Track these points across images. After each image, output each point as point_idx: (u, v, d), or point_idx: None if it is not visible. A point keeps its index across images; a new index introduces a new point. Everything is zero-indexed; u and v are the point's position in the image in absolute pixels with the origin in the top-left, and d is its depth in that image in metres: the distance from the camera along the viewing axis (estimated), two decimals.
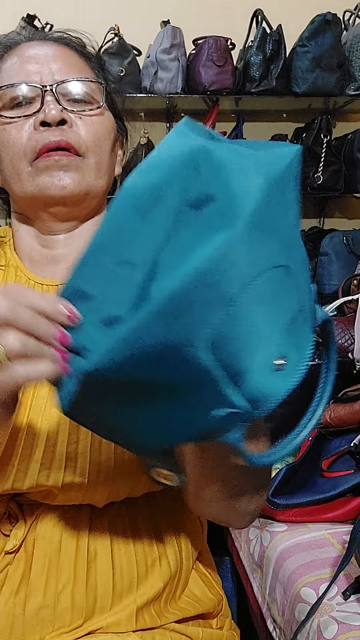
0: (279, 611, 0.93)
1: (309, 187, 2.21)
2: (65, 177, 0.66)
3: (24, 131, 0.66)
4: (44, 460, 0.61)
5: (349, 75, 2.15)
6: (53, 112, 0.65)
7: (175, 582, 0.67)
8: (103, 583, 0.63)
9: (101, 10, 2.26)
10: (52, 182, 0.66)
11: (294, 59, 2.10)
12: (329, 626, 0.78)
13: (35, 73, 0.67)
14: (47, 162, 0.65)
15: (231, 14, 2.30)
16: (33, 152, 0.66)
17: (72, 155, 0.66)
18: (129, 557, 0.64)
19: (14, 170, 0.67)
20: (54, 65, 0.68)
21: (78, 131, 0.67)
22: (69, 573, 0.62)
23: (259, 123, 2.38)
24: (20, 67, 0.68)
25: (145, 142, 2.17)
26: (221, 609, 0.73)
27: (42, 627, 0.61)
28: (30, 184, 0.67)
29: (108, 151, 0.71)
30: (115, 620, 0.62)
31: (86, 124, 0.68)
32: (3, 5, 2.22)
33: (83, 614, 0.61)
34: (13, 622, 0.61)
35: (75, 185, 0.66)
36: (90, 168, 0.68)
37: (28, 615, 0.61)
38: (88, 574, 0.62)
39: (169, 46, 2.05)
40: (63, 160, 0.66)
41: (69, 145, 0.66)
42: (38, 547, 0.63)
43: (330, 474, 1.12)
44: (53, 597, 0.61)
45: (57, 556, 0.62)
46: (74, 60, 0.71)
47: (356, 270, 2.02)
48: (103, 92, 0.70)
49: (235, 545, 1.20)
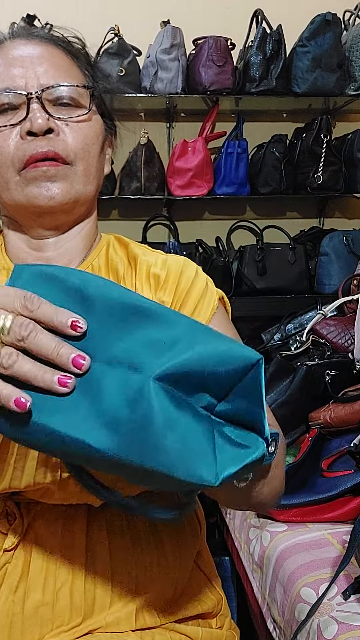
0: (279, 611, 0.93)
1: (309, 187, 2.21)
2: (53, 187, 0.66)
3: (10, 140, 0.65)
4: (40, 459, 0.61)
5: (349, 75, 2.15)
6: (39, 122, 0.64)
7: (174, 582, 0.67)
8: (101, 581, 0.63)
9: (101, 10, 2.26)
10: (40, 192, 0.66)
11: (294, 59, 2.10)
12: (329, 626, 0.78)
13: (20, 77, 0.66)
14: (34, 173, 0.65)
15: (231, 14, 2.30)
16: (20, 162, 0.65)
17: (59, 164, 0.66)
18: (127, 555, 0.65)
19: (2, 179, 0.67)
20: (39, 68, 0.67)
21: (65, 139, 0.67)
22: (67, 571, 0.62)
23: (259, 123, 2.38)
24: (5, 71, 0.67)
25: (145, 142, 2.17)
26: (221, 608, 0.73)
27: (41, 625, 0.61)
28: (19, 193, 0.66)
29: (96, 155, 0.70)
30: (115, 619, 0.62)
31: (74, 130, 0.67)
32: (3, 5, 2.22)
33: (82, 612, 0.62)
34: (12, 620, 0.61)
35: (64, 195, 0.66)
36: (78, 176, 0.68)
37: (27, 614, 0.61)
38: (86, 572, 0.63)
39: (169, 46, 2.05)
40: (51, 171, 0.65)
41: (56, 155, 0.66)
42: (36, 546, 0.63)
43: (330, 474, 1.12)
44: (52, 595, 0.61)
45: (56, 554, 0.63)
46: (60, 60, 0.69)
47: (356, 270, 2.02)
48: (89, 96, 0.69)
49: (235, 545, 1.20)
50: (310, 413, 1.31)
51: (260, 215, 2.47)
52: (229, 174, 2.20)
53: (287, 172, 2.20)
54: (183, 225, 2.42)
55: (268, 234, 2.28)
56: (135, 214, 2.39)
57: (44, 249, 0.71)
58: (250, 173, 2.24)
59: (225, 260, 2.22)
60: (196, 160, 2.17)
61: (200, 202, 2.39)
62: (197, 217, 2.47)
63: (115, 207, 2.41)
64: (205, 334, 0.43)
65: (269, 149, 2.20)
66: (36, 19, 2.01)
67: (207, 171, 2.20)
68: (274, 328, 1.95)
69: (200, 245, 2.32)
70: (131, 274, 0.71)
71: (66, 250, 0.71)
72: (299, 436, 1.31)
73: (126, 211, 2.41)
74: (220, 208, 2.45)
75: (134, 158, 2.17)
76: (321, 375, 1.35)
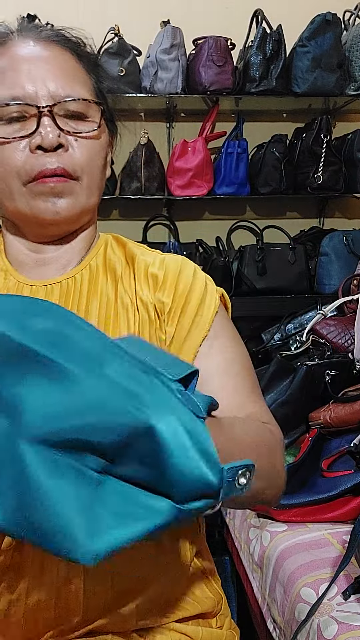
0: (279, 611, 0.93)
1: (309, 187, 2.21)
2: (59, 202, 0.66)
3: (18, 152, 0.65)
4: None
5: (349, 75, 2.15)
6: (50, 137, 0.64)
7: (174, 581, 0.67)
8: (101, 581, 0.63)
9: (101, 10, 2.26)
10: (47, 207, 0.66)
11: (294, 59, 2.11)
12: (329, 626, 0.78)
13: (30, 85, 0.65)
14: (42, 188, 0.65)
15: (231, 14, 2.30)
16: (28, 176, 0.65)
17: (67, 180, 0.66)
18: (126, 554, 0.65)
19: (7, 188, 0.67)
20: (48, 75, 0.66)
21: (73, 154, 0.67)
22: (67, 571, 0.62)
23: (259, 123, 2.38)
24: (13, 76, 0.66)
25: (145, 142, 2.17)
26: (221, 608, 0.73)
27: (41, 625, 0.61)
28: (24, 205, 0.67)
29: (101, 167, 0.71)
30: (116, 619, 0.62)
31: (82, 145, 0.67)
32: (3, 5, 2.22)
33: (82, 612, 0.62)
34: (12, 620, 0.61)
35: (69, 210, 0.67)
36: (83, 189, 0.68)
37: (27, 614, 0.61)
38: (86, 572, 0.63)
39: (169, 46, 2.05)
40: (58, 187, 0.66)
41: (65, 172, 0.66)
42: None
43: (330, 474, 1.12)
44: (52, 595, 0.61)
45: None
46: (68, 65, 0.68)
47: (356, 270, 2.02)
48: (100, 112, 0.69)
49: (235, 545, 1.20)
50: (310, 413, 1.31)
51: (260, 215, 2.47)
52: (229, 174, 2.20)
53: (287, 172, 2.20)
54: (183, 225, 2.43)
55: (268, 234, 2.28)
56: (136, 214, 2.40)
57: (43, 251, 0.72)
58: (250, 173, 2.24)
59: (225, 260, 2.22)
60: (196, 160, 2.17)
61: (200, 202, 2.39)
62: (197, 217, 2.47)
63: (115, 207, 2.42)
64: (108, 389, 0.36)
65: (269, 149, 2.20)
66: (36, 19, 2.01)
67: (207, 171, 2.20)
68: (274, 328, 1.95)
69: (201, 245, 2.32)
70: (129, 274, 0.72)
71: (65, 251, 0.72)
72: (299, 436, 1.31)
73: (126, 211, 2.41)
74: (220, 208, 2.45)
75: (134, 158, 2.17)
76: (321, 375, 1.35)
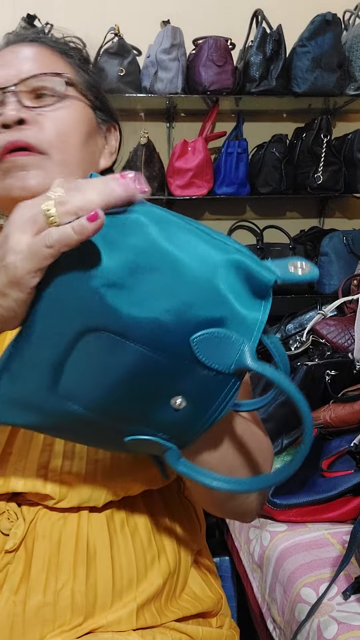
0: (279, 611, 0.93)
1: (309, 187, 2.21)
2: (27, 177, 0.65)
3: None
4: (42, 460, 0.61)
5: (349, 75, 2.15)
6: (10, 113, 0.64)
7: (174, 580, 0.67)
8: (103, 581, 0.63)
9: (101, 10, 2.26)
10: (14, 183, 0.65)
11: (294, 59, 2.11)
12: (329, 626, 0.78)
13: (2, 71, 0.67)
14: (7, 164, 0.65)
15: (231, 14, 2.30)
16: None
17: (32, 154, 0.65)
18: (127, 554, 0.65)
19: None
20: (25, 66, 0.67)
21: (39, 129, 0.66)
22: (68, 571, 0.62)
23: (259, 123, 2.38)
24: None
25: (145, 142, 2.17)
26: (221, 607, 0.73)
27: (42, 625, 0.61)
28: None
29: (78, 145, 0.69)
30: (116, 618, 0.62)
31: (49, 119, 0.67)
32: (3, 5, 2.22)
33: (83, 612, 0.62)
34: (13, 620, 0.61)
35: (40, 185, 0.65)
36: (56, 165, 0.67)
37: (28, 614, 0.61)
38: (88, 572, 0.63)
39: (169, 46, 2.05)
40: (20, 160, 0.65)
41: (27, 145, 0.65)
42: (37, 546, 0.63)
43: (330, 474, 1.12)
44: (53, 596, 0.61)
45: (57, 554, 0.63)
46: (50, 59, 0.70)
47: (356, 270, 2.02)
48: (65, 84, 0.69)
49: (235, 545, 1.20)
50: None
51: (260, 215, 2.47)
52: (229, 174, 2.20)
53: (287, 172, 2.20)
54: None
55: (268, 234, 2.28)
56: None
57: None
58: (250, 173, 2.24)
59: None
60: (196, 160, 2.17)
61: (200, 202, 2.39)
62: (197, 217, 2.47)
63: None
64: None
65: (269, 149, 2.20)
66: (36, 19, 2.01)
67: (207, 171, 2.20)
68: (274, 328, 1.95)
69: None
70: None
71: None
72: (299, 436, 1.31)
73: None
74: (220, 208, 2.45)
75: (134, 158, 2.17)
76: (321, 375, 1.35)
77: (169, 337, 0.40)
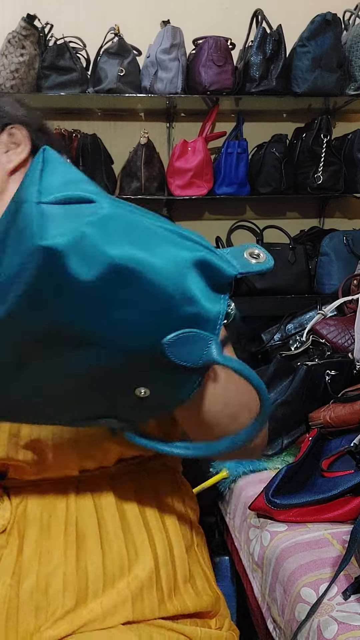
0: (279, 611, 0.93)
1: (309, 187, 2.21)
2: None
3: None
4: (12, 429, 0.64)
5: (349, 75, 2.15)
6: None
7: (171, 567, 0.68)
8: (93, 565, 0.64)
9: (101, 10, 2.26)
10: None
11: (294, 59, 2.10)
12: (329, 626, 0.78)
13: None
14: None
15: (231, 14, 2.30)
16: None
17: None
18: (117, 537, 0.66)
19: None
20: None
21: None
22: (59, 554, 0.64)
23: (259, 123, 2.38)
24: None
25: (145, 142, 2.17)
26: (219, 608, 0.73)
27: (36, 614, 0.61)
28: None
29: None
30: (111, 606, 0.62)
31: None
32: (3, 5, 2.22)
33: (75, 594, 0.62)
34: (9, 606, 0.62)
35: None
36: None
37: (22, 599, 0.62)
38: (78, 555, 0.64)
39: (169, 46, 2.05)
40: None
41: None
42: (28, 530, 0.65)
43: (330, 474, 1.12)
44: (45, 579, 0.62)
45: (47, 538, 0.65)
46: None
47: (356, 270, 2.02)
48: None
49: (235, 545, 1.20)
50: (310, 413, 1.31)
51: (260, 215, 2.47)
52: (229, 174, 2.20)
53: (287, 172, 2.20)
54: (183, 225, 2.41)
55: (268, 234, 2.28)
56: None
57: None
58: (250, 173, 2.24)
59: None
60: (196, 160, 2.17)
61: (200, 202, 2.39)
62: (197, 217, 2.47)
63: None
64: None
65: (269, 149, 2.20)
66: (36, 19, 2.02)
67: (207, 171, 2.20)
68: (274, 328, 1.95)
69: None
70: None
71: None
72: (299, 436, 1.31)
73: None
74: (220, 208, 2.45)
75: (134, 158, 2.17)
76: (321, 375, 1.35)
77: (141, 341, 0.41)
